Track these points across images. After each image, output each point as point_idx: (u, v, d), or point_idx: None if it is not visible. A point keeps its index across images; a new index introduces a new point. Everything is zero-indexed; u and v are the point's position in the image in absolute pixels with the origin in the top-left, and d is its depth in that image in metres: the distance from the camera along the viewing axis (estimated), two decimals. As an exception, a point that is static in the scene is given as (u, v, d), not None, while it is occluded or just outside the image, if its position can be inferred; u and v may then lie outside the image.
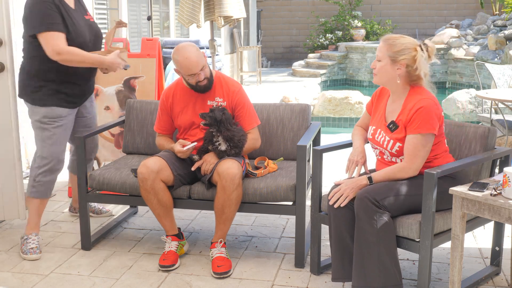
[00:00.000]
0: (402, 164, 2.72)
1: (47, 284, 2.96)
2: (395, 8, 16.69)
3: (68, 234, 3.65)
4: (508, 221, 2.35)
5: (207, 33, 8.98)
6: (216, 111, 3.12)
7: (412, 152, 2.67)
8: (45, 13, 3.10)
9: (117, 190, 3.30)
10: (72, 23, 3.20)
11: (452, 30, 12.70)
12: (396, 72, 2.70)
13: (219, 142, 3.17)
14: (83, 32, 3.26)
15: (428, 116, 2.65)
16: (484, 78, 9.20)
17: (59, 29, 3.13)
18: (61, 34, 3.14)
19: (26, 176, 4.88)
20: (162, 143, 3.40)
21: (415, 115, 2.66)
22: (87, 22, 3.35)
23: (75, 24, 3.22)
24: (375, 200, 2.60)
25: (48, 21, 3.10)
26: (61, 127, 3.34)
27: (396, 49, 2.67)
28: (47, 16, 3.10)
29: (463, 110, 8.26)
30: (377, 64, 2.74)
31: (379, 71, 2.74)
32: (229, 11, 5.51)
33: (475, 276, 2.92)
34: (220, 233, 3.15)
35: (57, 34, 3.12)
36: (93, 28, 3.39)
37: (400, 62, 2.67)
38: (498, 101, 5.00)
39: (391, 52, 2.68)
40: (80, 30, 3.24)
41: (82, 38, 3.25)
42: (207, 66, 3.22)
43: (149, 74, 4.37)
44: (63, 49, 3.13)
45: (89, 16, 3.41)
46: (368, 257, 2.60)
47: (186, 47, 3.15)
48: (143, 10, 8.82)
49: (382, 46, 2.72)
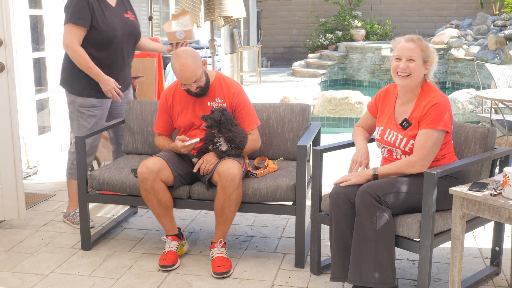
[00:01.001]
0: (411, 158, 2.72)
1: (47, 284, 2.96)
2: (395, 8, 16.68)
3: (68, 234, 3.65)
4: (508, 221, 2.35)
5: (207, 33, 8.99)
6: (216, 112, 3.11)
7: (422, 146, 2.68)
8: (76, 7, 3.44)
9: (117, 190, 3.30)
10: (104, 18, 3.51)
11: (452, 30, 12.69)
12: (423, 72, 2.77)
13: (220, 143, 3.17)
14: (114, 28, 3.55)
15: (443, 113, 2.68)
16: (484, 78, 9.19)
17: (82, 24, 3.45)
18: (81, 30, 3.46)
19: (26, 176, 4.89)
20: (162, 143, 3.40)
21: (430, 111, 2.69)
22: (124, 19, 3.64)
23: (107, 20, 3.52)
24: (377, 195, 2.60)
25: (75, 15, 3.43)
26: (94, 116, 3.65)
27: (427, 50, 2.76)
28: (76, 10, 3.44)
29: (463, 110, 8.26)
30: (410, 64, 2.74)
31: (415, 71, 2.75)
32: (229, 11, 5.51)
33: (475, 276, 2.92)
34: (220, 233, 3.15)
35: (77, 29, 3.46)
36: (128, 26, 3.66)
37: (428, 62, 2.76)
38: (498, 101, 5.00)
39: (424, 53, 2.75)
40: (112, 26, 3.53)
41: (112, 32, 3.53)
42: (202, 76, 3.19)
43: (149, 74, 4.37)
44: (73, 46, 3.47)
45: (129, 14, 3.70)
46: (365, 253, 2.61)
47: (185, 57, 3.12)
48: (143, 10, 8.81)
49: (415, 47, 2.75)
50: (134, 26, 3.73)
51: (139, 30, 3.78)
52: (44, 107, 5.63)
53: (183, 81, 3.16)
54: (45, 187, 4.66)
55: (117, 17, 3.60)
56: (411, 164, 2.70)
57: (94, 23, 3.48)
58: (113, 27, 3.55)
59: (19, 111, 3.55)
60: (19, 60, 5.01)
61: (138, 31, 3.78)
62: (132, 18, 3.73)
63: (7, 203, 3.59)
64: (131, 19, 3.72)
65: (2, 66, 3.40)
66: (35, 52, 5.38)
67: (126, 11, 3.70)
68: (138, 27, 3.78)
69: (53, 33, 5.61)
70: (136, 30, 3.74)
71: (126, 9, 3.72)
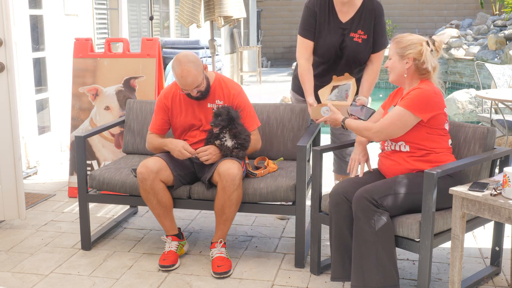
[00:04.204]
0: (371, 124, 2.82)
1: (47, 284, 2.96)
2: (395, 8, 16.68)
3: (68, 234, 3.65)
4: (508, 221, 2.35)
5: (207, 33, 8.99)
6: (222, 110, 3.12)
7: (387, 118, 2.76)
8: (304, 18, 3.36)
9: (117, 190, 3.30)
10: (319, 35, 3.32)
11: (452, 30, 12.69)
12: (404, 67, 2.78)
13: (226, 138, 3.17)
14: (328, 47, 3.32)
15: (419, 98, 2.70)
16: (484, 78, 9.19)
17: (307, 36, 3.34)
18: (307, 41, 3.34)
19: (26, 176, 4.89)
20: (155, 141, 3.33)
21: (409, 94, 2.74)
22: (344, 38, 3.32)
23: (322, 36, 3.32)
24: (373, 199, 2.60)
25: (302, 26, 3.36)
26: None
27: (402, 45, 2.77)
28: (303, 21, 3.35)
29: (463, 110, 8.26)
30: (388, 62, 2.84)
31: (391, 68, 2.83)
32: (229, 11, 5.50)
33: (475, 276, 2.92)
34: (220, 233, 3.15)
35: (303, 40, 3.36)
36: (347, 48, 3.32)
37: (408, 56, 2.76)
38: (498, 101, 5.00)
39: (398, 49, 2.78)
40: (326, 44, 3.32)
41: (326, 53, 3.34)
42: (203, 81, 3.18)
43: (149, 74, 4.37)
44: (299, 58, 3.37)
45: (354, 34, 3.32)
46: (367, 257, 2.61)
47: (186, 64, 3.09)
48: (143, 10, 8.82)
49: (392, 45, 2.84)
50: (351, 50, 3.38)
51: (351, 55, 3.36)
52: (44, 107, 5.63)
53: (184, 87, 3.15)
54: (45, 187, 4.66)
55: (336, 36, 3.37)
56: (368, 128, 2.80)
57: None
58: (327, 46, 3.38)
59: (19, 111, 3.55)
60: (19, 60, 5.01)
61: (350, 57, 3.39)
62: (356, 39, 3.34)
63: (7, 203, 3.59)
64: (355, 41, 3.35)
65: (2, 66, 3.40)
66: (35, 52, 5.39)
67: (353, 31, 3.35)
68: (354, 51, 3.38)
69: (53, 33, 5.62)
70: (351, 56, 3.39)
71: (353, 29, 3.35)
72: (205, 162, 3.16)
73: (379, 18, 3.35)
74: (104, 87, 4.42)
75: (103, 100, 4.41)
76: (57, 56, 5.69)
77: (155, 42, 4.43)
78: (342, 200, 2.76)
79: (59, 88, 5.70)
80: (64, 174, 4.96)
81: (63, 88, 5.69)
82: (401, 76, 2.81)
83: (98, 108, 4.43)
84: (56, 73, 5.68)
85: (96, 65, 4.45)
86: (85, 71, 4.46)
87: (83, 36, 5.09)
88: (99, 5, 6.96)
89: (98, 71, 4.44)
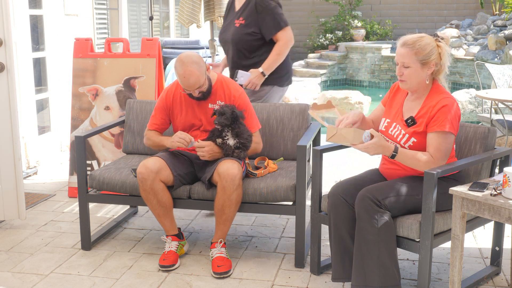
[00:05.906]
0: (431, 158, 2.61)
1: (47, 284, 2.96)
2: (395, 8, 16.67)
3: (68, 234, 3.65)
4: (508, 221, 2.35)
5: (207, 33, 8.98)
6: (226, 109, 3.11)
7: (437, 147, 2.61)
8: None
9: (117, 190, 3.30)
10: (224, 23, 3.99)
11: (452, 30, 12.69)
12: (426, 74, 2.68)
13: (228, 136, 3.17)
14: (223, 33, 3.97)
15: (451, 115, 2.63)
16: (484, 78, 9.19)
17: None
18: None
19: (26, 176, 4.88)
20: (154, 137, 3.34)
21: (438, 113, 2.62)
22: (229, 25, 3.91)
23: (224, 25, 3.98)
24: (376, 199, 2.60)
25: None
26: None
27: (424, 52, 2.63)
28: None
29: (463, 110, 8.25)
30: (404, 71, 2.67)
31: (409, 77, 2.67)
32: (229, 11, 5.50)
33: (475, 276, 2.92)
34: (220, 233, 3.15)
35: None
36: (228, 33, 3.90)
37: (431, 63, 2.66)
38: (498, 101, 5.00)
39: (420, 56, 2.64)
40: (222, 30, 3.97)
41: (222, 37, 3.98)
42: (205, 82, 3.17)
43: (149, 74, 4.37)
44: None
45: (238, 21, 3.86)
46: (368, 257, 2.60)
47: (189, 64, 3.09)
48: (143, 10, 8.82)
49: (407, 52, 2.64)
50: (230, 35, 3.90)
51: (229, 39, 3.93)
52: (44, 107, 5.63)
53: (186, 87, 3.15)
54: (45, 187, 4.66)
55: (229, 23, 4.02)
56: (429, 164, 2.60)
57: None
58: (222, 32, 4.02)
59: (19, 111, 3.55)
60: (19, 60, 5.01)
61: (228, 40, 3.94)
62: (237, 24, 3.86)
63: (7, 203, 3.59)
64: (236, 26, 3.86)
65: (2, 66, 3.40)
66: (35, 52, 5.38)
67: (238, 17, 3.88)
68: (233, 36, 3.89)
69: (53, 33, 5.61)
70: (229, 39, 3.92)
71: (238, 15, 3.89)
72: (200, 157, 3.16)
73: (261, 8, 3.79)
74: (104, 87, 4.41)
75: (103, 100, 4.41)
76: (57, 56, 5.69)
77: (155, 42, 4.43)
78: (340, 202, 2.76)
79: (59, 88, 5.70)
80: (64, 174, 4.96)
81: (63, 88, 5.69)
82: (422, 83, 2.70)
83: (98, 108, 4.43)
84: (56, 73, 5.68)
85: (96, 65, 4.45)
86: (85, 71, 4.46)
87: (83, 36, 5.08)
88: (99, 5, 6.97)
89: (98, 71, 4.44)
